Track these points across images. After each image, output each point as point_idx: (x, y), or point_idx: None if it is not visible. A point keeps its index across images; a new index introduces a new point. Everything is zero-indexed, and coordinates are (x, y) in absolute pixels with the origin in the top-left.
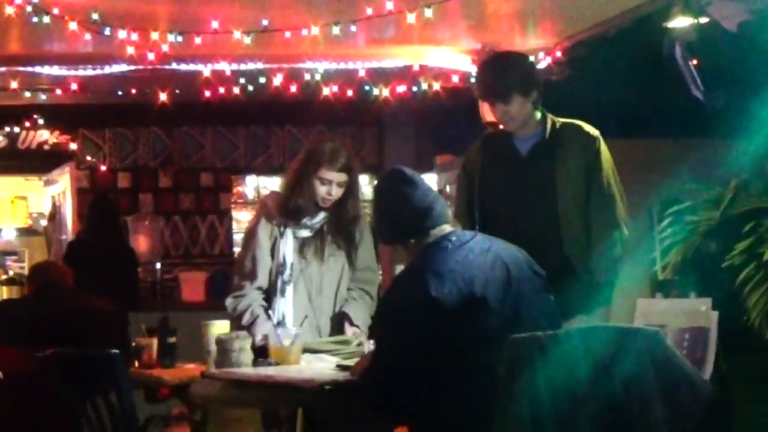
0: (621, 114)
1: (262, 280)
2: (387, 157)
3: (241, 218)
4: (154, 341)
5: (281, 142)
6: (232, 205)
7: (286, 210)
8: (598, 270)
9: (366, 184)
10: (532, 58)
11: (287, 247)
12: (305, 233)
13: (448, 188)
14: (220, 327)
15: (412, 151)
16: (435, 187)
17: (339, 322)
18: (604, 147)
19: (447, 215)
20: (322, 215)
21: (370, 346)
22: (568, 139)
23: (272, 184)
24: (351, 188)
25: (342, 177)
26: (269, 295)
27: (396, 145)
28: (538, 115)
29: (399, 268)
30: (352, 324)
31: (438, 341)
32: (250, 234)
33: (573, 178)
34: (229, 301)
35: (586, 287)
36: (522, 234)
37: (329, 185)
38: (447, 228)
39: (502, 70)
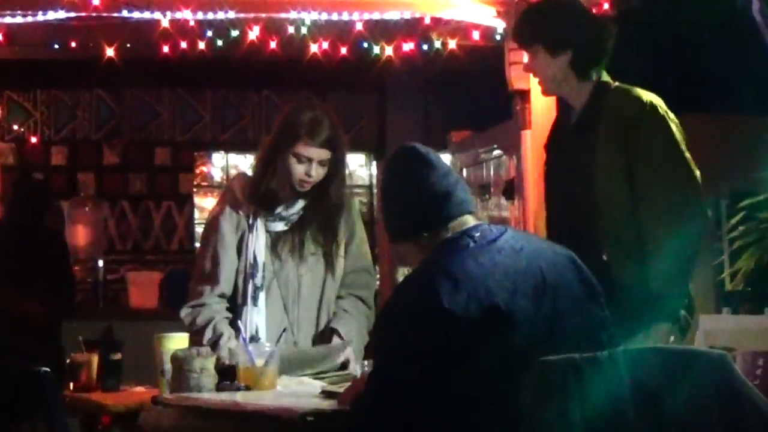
0: (680, 83)
1: (225, 285)
2: (390, 132)
3: (206, 205)
4: (95, 358)
5: (257, 111)
6: (195, 189)
7: (256, 195)
8: (654, 275)
9: (362, 166)
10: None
11: (258, 243)
12: (280, 226)
13: (465, 172)
14: (176, 341)
15: (420, 125)
16: None
17: (326, 338)
18: (656, 118)
19: (470, 204)
20: (300, 204)
21: (364, 367)
22: (610, 107)
23: (245, 163)
24: (335, 168)
25: (324, 154)
26: (234, 303)
27: (401, 117)
28: (584, 82)
29: (404, 273)
30: (341, 338)
31: (450, 365)
32: (211, 226)
33: (610, 159)
34: (185, 312)
35: (636, 300)
36: (557, 228)
37: (308, 164)
38: (470, 221)
39: (536, 11)
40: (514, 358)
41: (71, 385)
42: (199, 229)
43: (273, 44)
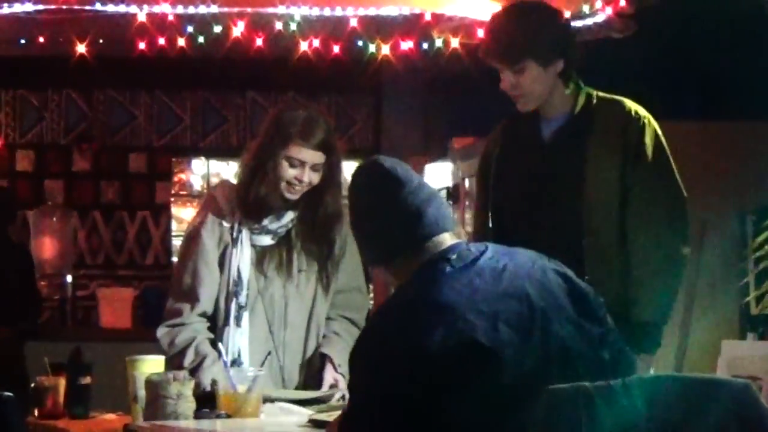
0: (704, 87)
1: (207, 303)
2: (386, 138)
3: (184, 216)
4: (62, 382)
5: (241, 114)
6: (172, 199)
7: (244, 204)
8: (641, 304)
9: None
10: (568, 14)
11: (242, 258)
12: (266, 240)
13: (467, 182)
14: (151, 364)
15: (419, 130)
16: (450, 180)
17: (316, 365)
18: (651, 132)
19: (446, 221)
20: (289, 216)
21: None
22: (601, 120)
23: (227, 170)
24: (330, 175)
25: (318, 157)
26: (215, 324)
27: (398, 121)
28: (568, 89)
29: None
30: (335, 370)
31: (429, 408)
32: (191, 238)
33: (603, 176)
34: (162, 332)
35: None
36: (535, 246)
37: (300, 167)
38: (447, 240)
39: (516, 24)
40: (503, 396)
41: (36, 411)
42: (177, 242)
43: (259, 41)
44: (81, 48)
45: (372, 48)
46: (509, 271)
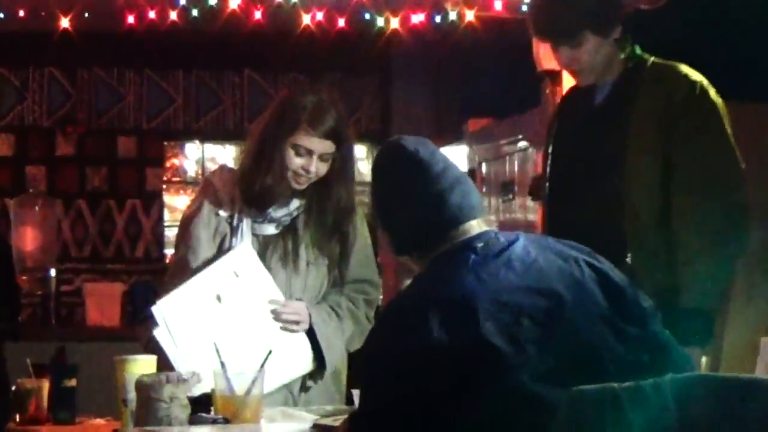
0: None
1: None
2: (396, 120)
3: (177, 205)
4: (45, 384)
5: (238, 95)
6: (164, 186)
7: (248, 193)
8: (689, 291)
9: (363, 159)
10: None
11: None
12: (269, 229)
13: (484, 167)
14: (141, 365)
15: (431, 111)
16: (464, 166)
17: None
18: (704, 100)
19: (474, 209)
20: (294, 204)
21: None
22: (649, 85)
23: (223, 155)
24: (342, 166)
25: (327, 146)
26: None
27: (408, 102)
28: (623, 53)
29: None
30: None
31: (443, 409)
32: (183, 229)
33: (646, 145)
34: (141, 330)
35: (667, 315)
36: (576, 226)
37: (307, 156)
38: (474, 228)
39: None
40: (521, 397)
41: (17, 416)
42: (169, 233)
43: (258, 15)
44: (64, 22)
45: (380, 22)
46: (539, 265)
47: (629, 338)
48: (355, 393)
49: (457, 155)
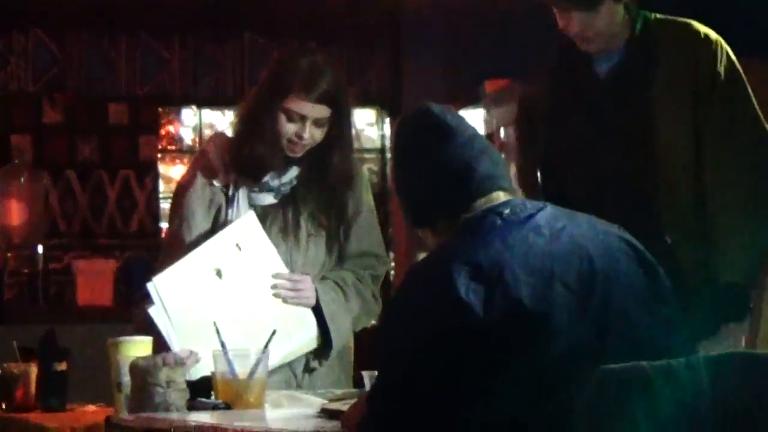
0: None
1: None
2: (407, 82)
3: (173, 175)
4: (33, 369)
5: (238, 58)
6: (159, 155)
7: (238, 160)
8: (724, 265)
9: (372, 124)
10: None
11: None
12: (268, 199)
13: (502, 132)
14: (136, 347)
15: (446, 72)
16: (482, 130)
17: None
18: (727, 60)
19: (500, 179)
20: (294, 172)
21: (368, 379)
22: (667, 47)
23: (222, 122)
24: (338, 131)
25: (321, 111)
26: None
27: (420, 63)
28: (621, 13)
29: None
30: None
31: (472, 376)
32: (176, 201)
33: (675, 113)
34: (134, 309)
35: (704, 293)
36: (598, 206)
37: (300, 122)
38: (501, 198)
39: None
40: (553, 369)
41: (3, 403)
42: (165, 206)
43: None
44: None
45: None
46: (569, 232)
47: (662, 319)
48: (365, 374)
49: (474, 119)
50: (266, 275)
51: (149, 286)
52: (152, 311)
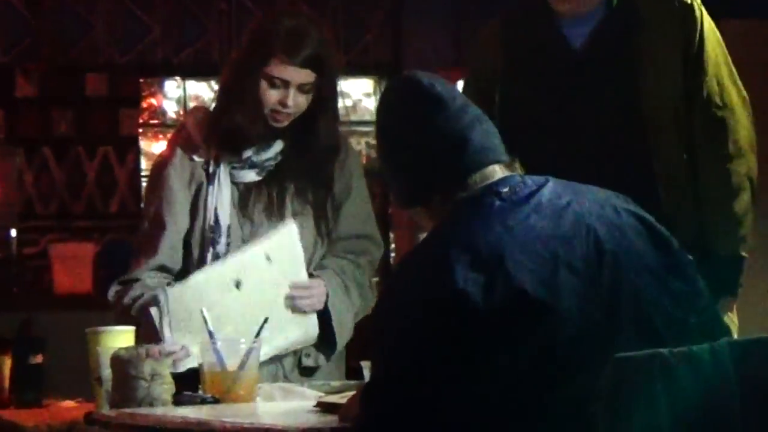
0: None
1: (166, 256)
2: (407, 48)
3: (156, 151)
4: (7, 362)
5: (224, 24)
6: (140, 130)
7: (216, 133)
8: (716, 237)
9: (370, 95)
10: None
11: (221, 198)
12: (250, 176)
13: None
14: (118, 337)
15: (449, 37)
16: None
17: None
18: (708, 24)
19: (496, 151)
20: (278, 146)
21: (367, 370)
22: (650, 11)
23: (208, 93)
24: (323, 97)
25: (305, 76)
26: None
27: (422, 26)
28: None
29: None
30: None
31: (471, 369)
32: (155, 178)
33: (667, 82)
34: (112, 292)
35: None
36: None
37: (283, 88)
38: (497, 172)
39: None
40: (564, 355)
41: None
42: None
43: None
44: None
45: None
46: (573, 210)
47: (677, 294)
48: (364, 365)
49: None
50: (285, 285)
51: (160, 294)
52: (154, 312)
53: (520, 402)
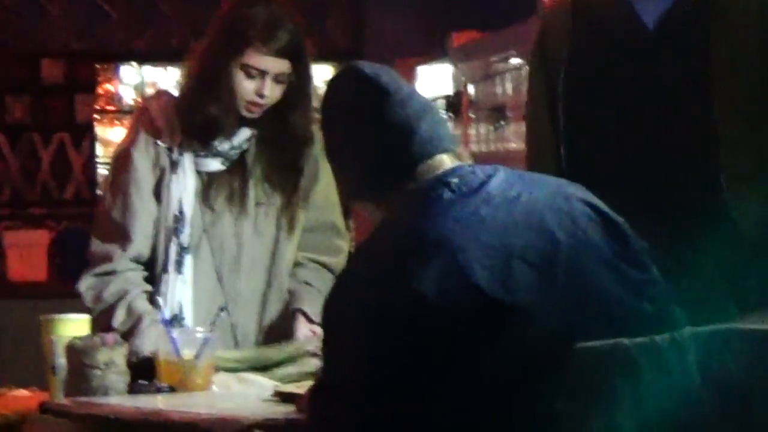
0: None
1: (141, 243)
2: (369, 34)
3: (112, 138)
4: None
5: (182, 9)
6: (97, 116)
7: (189, 124)
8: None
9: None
10: None
11: (185, 186)
12: (215, 165)
13: (471, 89)
14: (72, 325)
15: (410, 23)
16: (450, 87)
17: (277, 324)
18: None
19: (444, 140)
20: (244, 134)
21: None
22: None
23: (166, 79)
24: (298, 87)
25: (282, 65)
26: (151, 271)
27: (383, 12)
28: None
29: None
30: (310, 321)
31: (424, 373)
32: (121, 162)
33: (744, 70)
34: (86, 284)
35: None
36: (645, 183)
37: (260, 79)
38: (446, 162)
39: None
40: (527, 352)
41: None
42: (103, 172)
43: None
44: None
45: None
46: (525, 200)
47: (633, 283)
48: None
49: (441, 74)
50: None
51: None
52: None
53: (480, 403)
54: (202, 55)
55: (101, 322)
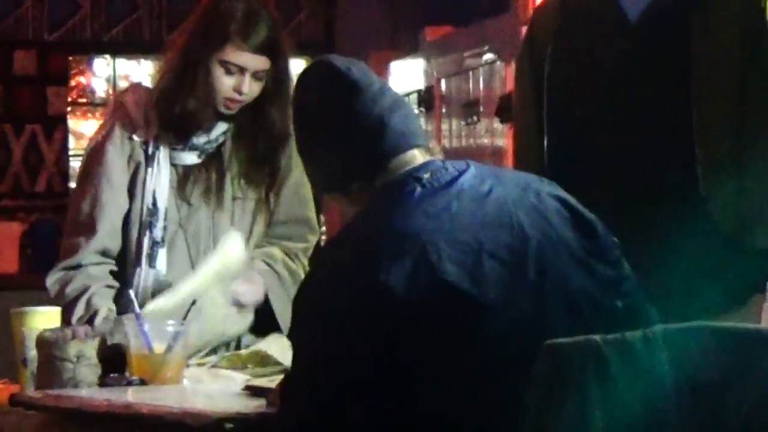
0: None
1: (108, 237)
2: (341, 28)
3: (84, 130)
4: None
5: (156, 2)
6: (69, 108)
7: (166, 119)
8: (755, 228)
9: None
10: None
11: (159, 180)
12: (191, 158)
13: (443, 84)
14: (43, 318)
15: (383, 18)
16: (421, 81)
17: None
18: None
19: (415, 136)
20: (220, 128)
21: None
22: None
23: (139, 72)
24: (276, 84)
25: (261, 62)
26: (124, 264)
27: (356, 7)
28: None
29: None
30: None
31: (396, 369)
32: (94, 155)
33: (724, 64)
34: (52, 279)
35: (739, 257)
36: (622, 174)
37: (239, 75)
38: (417, 158)
39: None
40: (496, 347)
41: None
42: (75, 164)
43: None
44: None
45: None
46: (496, 196)
47: (604, 280)
48: None
49: (413, 69)
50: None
51: (137, 311)
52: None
53: (448, 397)
54: (180, 50)
55: (65, 317)
